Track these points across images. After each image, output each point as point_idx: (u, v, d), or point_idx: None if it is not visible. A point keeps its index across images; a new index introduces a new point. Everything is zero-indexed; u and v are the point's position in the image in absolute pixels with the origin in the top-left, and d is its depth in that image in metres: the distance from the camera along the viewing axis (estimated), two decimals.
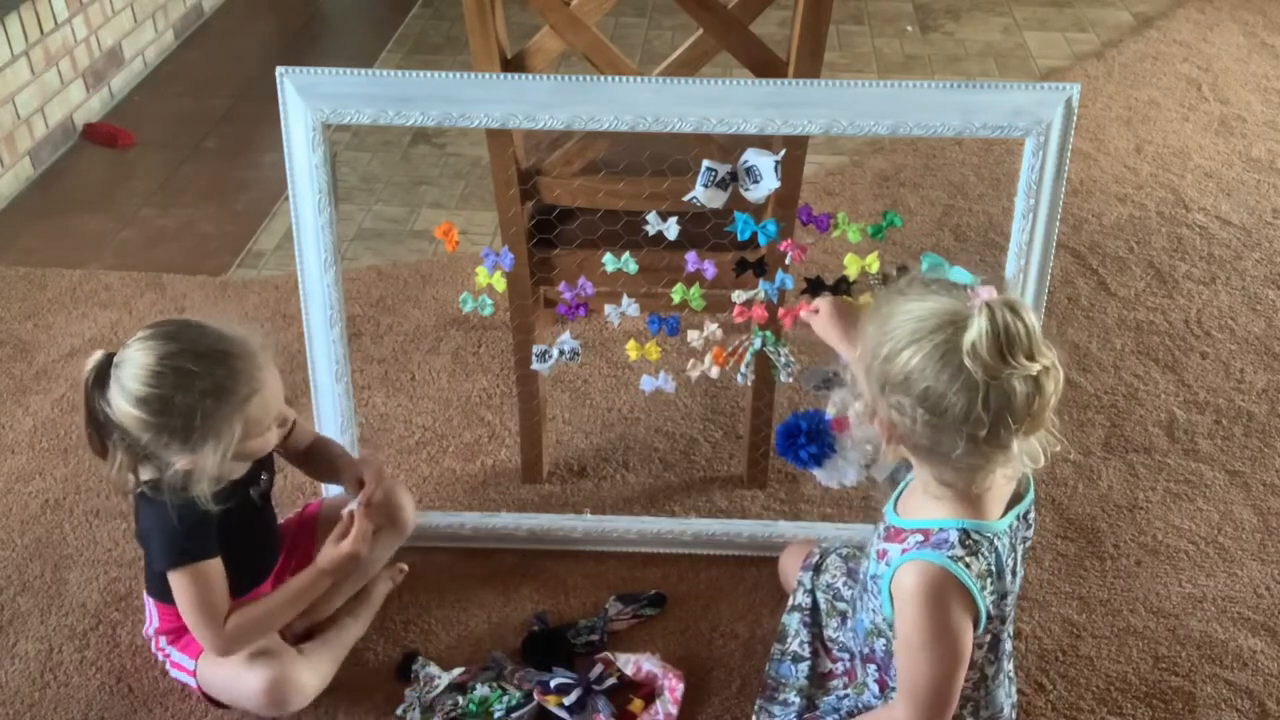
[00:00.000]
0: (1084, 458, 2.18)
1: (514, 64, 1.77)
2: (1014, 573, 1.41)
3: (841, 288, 1.72)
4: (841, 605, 1.63)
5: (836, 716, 1.56)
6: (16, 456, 2.19)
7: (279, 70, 1.68)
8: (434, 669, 1.74)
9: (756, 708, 1.64)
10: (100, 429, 1.52)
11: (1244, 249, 2.78)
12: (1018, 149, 1.69)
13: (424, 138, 3.32)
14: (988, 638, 1.40)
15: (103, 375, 1.50)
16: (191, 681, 1.69)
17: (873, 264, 1.69)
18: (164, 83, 3.69)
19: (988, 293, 1.25)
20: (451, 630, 1.84)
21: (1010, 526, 1.38)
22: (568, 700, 1.67)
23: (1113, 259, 2.74)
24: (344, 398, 1.87)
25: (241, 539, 1.64)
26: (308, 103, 1.68)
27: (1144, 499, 2.09)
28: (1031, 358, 1.24)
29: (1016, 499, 1.41)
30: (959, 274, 1.67)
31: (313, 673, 1.67)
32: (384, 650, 1.80)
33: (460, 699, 1.69)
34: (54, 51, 3.23)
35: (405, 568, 1.90)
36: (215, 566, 1.59)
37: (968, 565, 1.32)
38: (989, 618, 1.36)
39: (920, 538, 1.36)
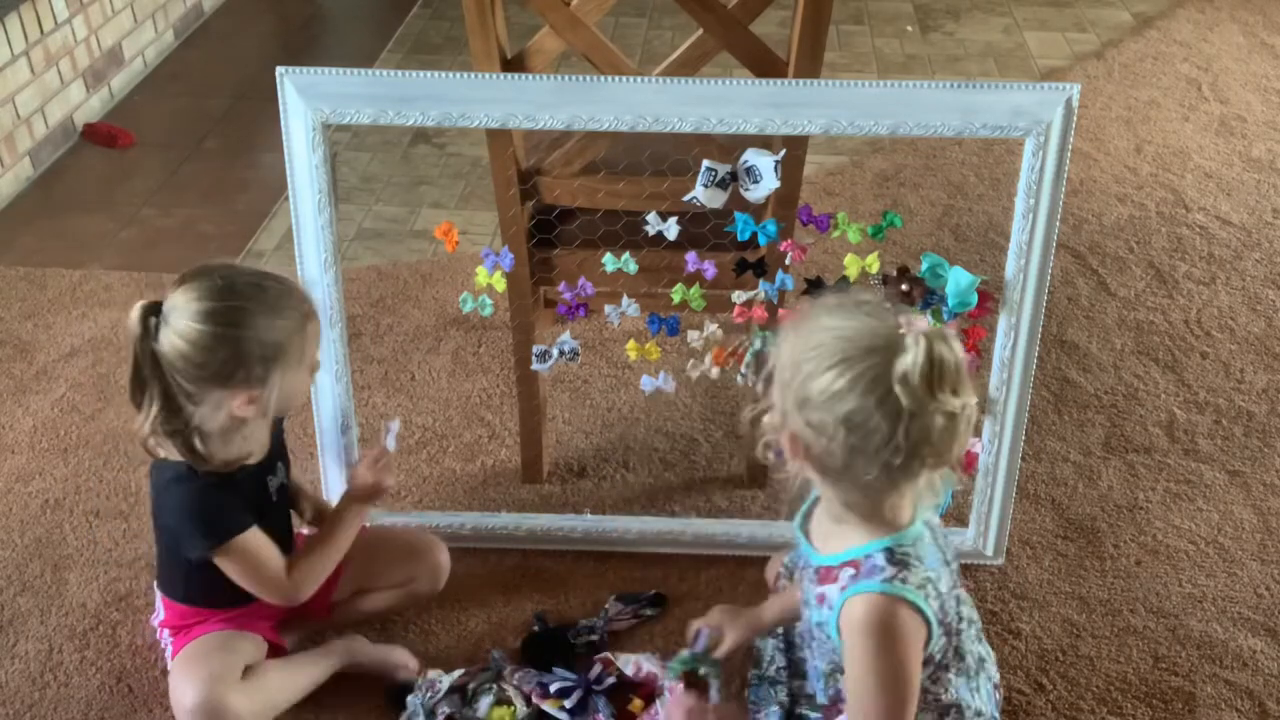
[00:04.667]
0: (1084, 458, 2.18)
1: (514, 64, 1.77)
2: (946, 563, 1.40)
3: (842, 288, 1.72)
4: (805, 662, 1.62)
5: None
6: (16, 456, 2.19)
7: (279, 70, 1.68)
8: (432, 672, 1.74)
9: None
10: (142, 380, 1.51)
11: (1244, 249, 2.78)
12: (1018, 149, 1.69)
13: (424, 138, 3.32)
14: (944, 639, 1.38)
15: (151, 314, 1.49)
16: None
17: (873, 264, 1.69)
18: (164, 83, 3.69)
19: (921, 323, 1.25)
20: (451, 630, 1.84)
21: (926, 522, 1.38)
22: (568, 703, 1.67)
23: (1113, 259, 2.74)
24: (344, 398, 1.87)
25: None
26: (308, 103, 1.68)
27: (1144, 499, 2.09)
28: (956, 393, 1.23)
29: None
30: (959, 274, 1.68)
31: (249, 698, 1.61)
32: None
33: (462, 706, 1.69)
34: (54, 51, 3.23)
35: (414, 668, 1.75)
36: (255, 535, 1.59)
37: (905, 580, 1.32)
38: (940, 622, 1.35)
39: (852, 571, 1.34)
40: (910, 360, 1.21)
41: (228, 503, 1.58)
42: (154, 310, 1.49)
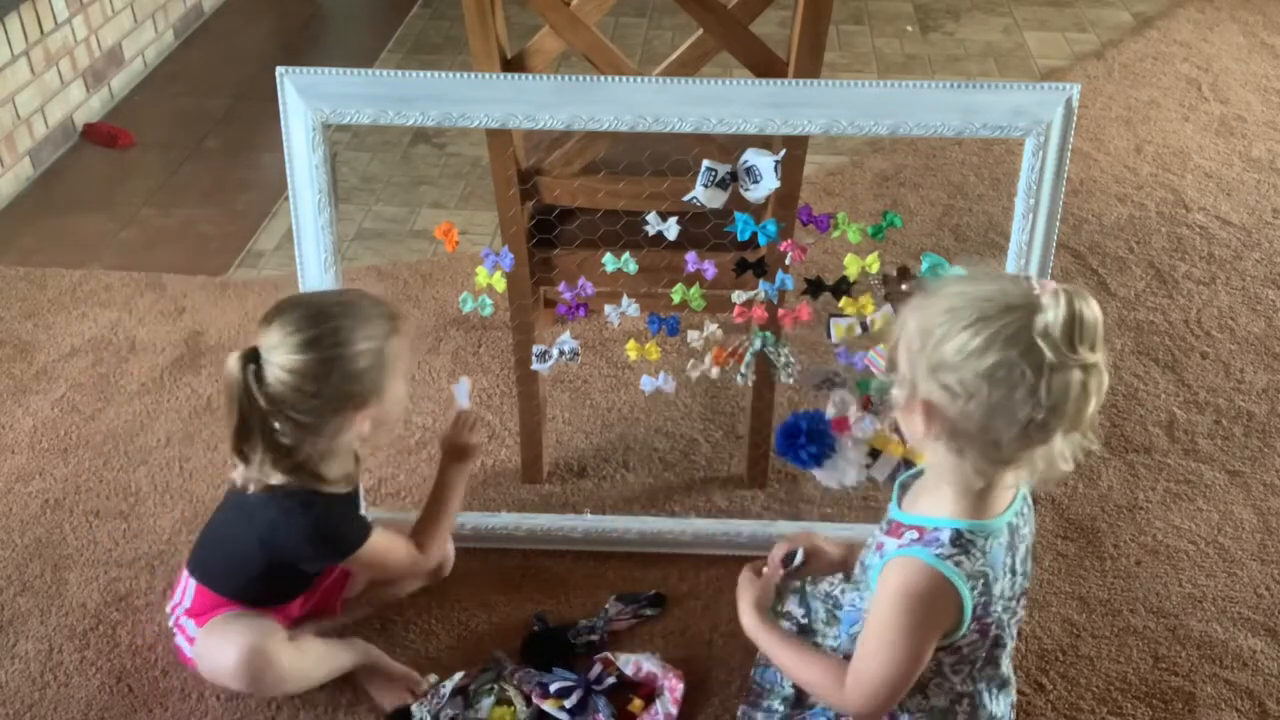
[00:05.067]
0: (1084, 458, 2.17)
1: (514, 64, 1.77)
2: (1012, 570, 1.40)
3: (842, 288, 1.72)
4: (840, 613, 1.63)
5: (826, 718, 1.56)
6: (16, 456, 2.19)
7: (279, 70, 1.68)
8: (433, 676, 1.73)
9: (740, 713, 1.63)
10: (248, 429, 1.50)
11: (1244, 249, 2.78)
12: (1018, 149, 1.69)
13: (424, 138, 3.32)
14: (976, 635, 1.39)
15: (250, 361, 1.48)
16: (188, 650, 1.69)
17: (873, 264, 1.69)
18: (164, 83, 3.69)
19: (1053, 284, 1.25)
20: (452, 630, 1.84)
21: (1009, 524, 1.38)
22: (568, 704, 1.67)
23: (1113, 259, 2.74)
24: None
25: None
26: (308, 103, 1.68)
27: (1144, 499, 2.09)
28: (1094, 349, 1.24)
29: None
30: (958, 274, 1.68)
31: (294, 657, 1.64)
32: (384, 650, 1.80)
33: (464, 708, 1.69)
34: (54, 51, 3.23)
35: (421, 692, 1.73)
36: (377, 535, 1.63)
37: (958, 564, 1.32)
38: (974, 616, 1.36)
39: (915, 534, 1.36)
40: (1053, 315, 1.21)
41: (349, 515, 1.63)
42: (252, 357, 1.48)
